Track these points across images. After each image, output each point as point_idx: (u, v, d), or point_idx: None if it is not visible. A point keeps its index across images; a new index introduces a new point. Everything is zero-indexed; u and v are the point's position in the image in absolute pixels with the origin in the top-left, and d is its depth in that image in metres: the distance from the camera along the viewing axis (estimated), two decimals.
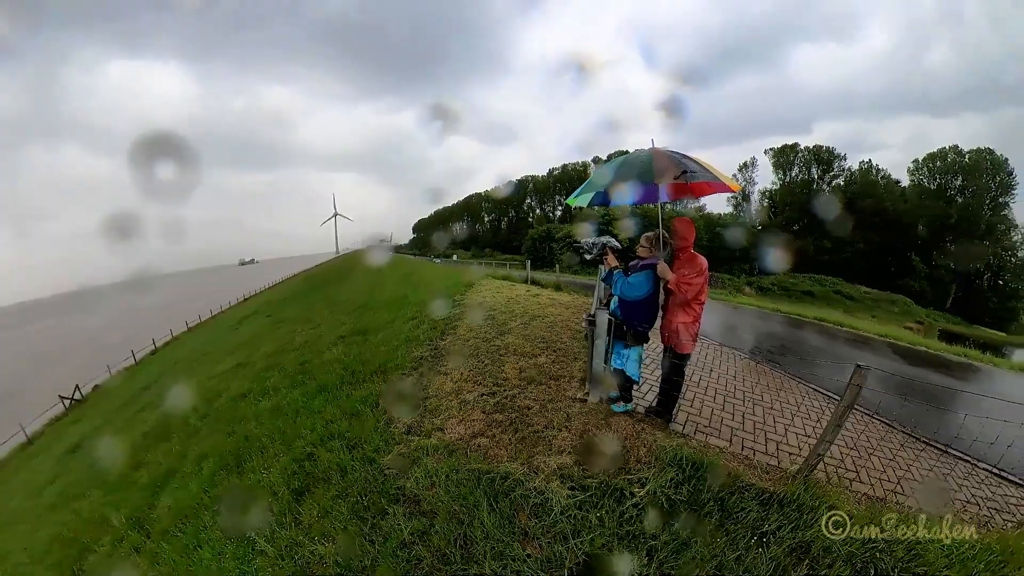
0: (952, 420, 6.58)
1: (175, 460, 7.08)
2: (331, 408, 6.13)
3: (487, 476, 4.13)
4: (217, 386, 10.35)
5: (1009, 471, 5.13)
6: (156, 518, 5.64)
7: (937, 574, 3.47)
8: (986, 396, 8.47)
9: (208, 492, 5.57)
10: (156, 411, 10.70)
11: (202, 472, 6.10)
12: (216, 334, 18.88)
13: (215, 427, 7.70)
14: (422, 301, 11.04)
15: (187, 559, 4.55)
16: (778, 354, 8.91)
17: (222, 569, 4.17)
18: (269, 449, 5.75)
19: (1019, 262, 40.39)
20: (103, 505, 6.71)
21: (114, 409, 13.70)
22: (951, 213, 40.69)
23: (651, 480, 3.94)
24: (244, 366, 11.63)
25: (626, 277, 4.61)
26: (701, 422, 5.31)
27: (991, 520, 4.41)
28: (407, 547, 3.69)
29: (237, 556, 4.19)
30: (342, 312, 13.71)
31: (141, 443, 8.71)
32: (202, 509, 5.25)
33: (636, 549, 3.45)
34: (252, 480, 5.26)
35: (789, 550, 3.45)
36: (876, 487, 4.53)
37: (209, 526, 4.87)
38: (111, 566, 5.11)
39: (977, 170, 41.04)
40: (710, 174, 4.12)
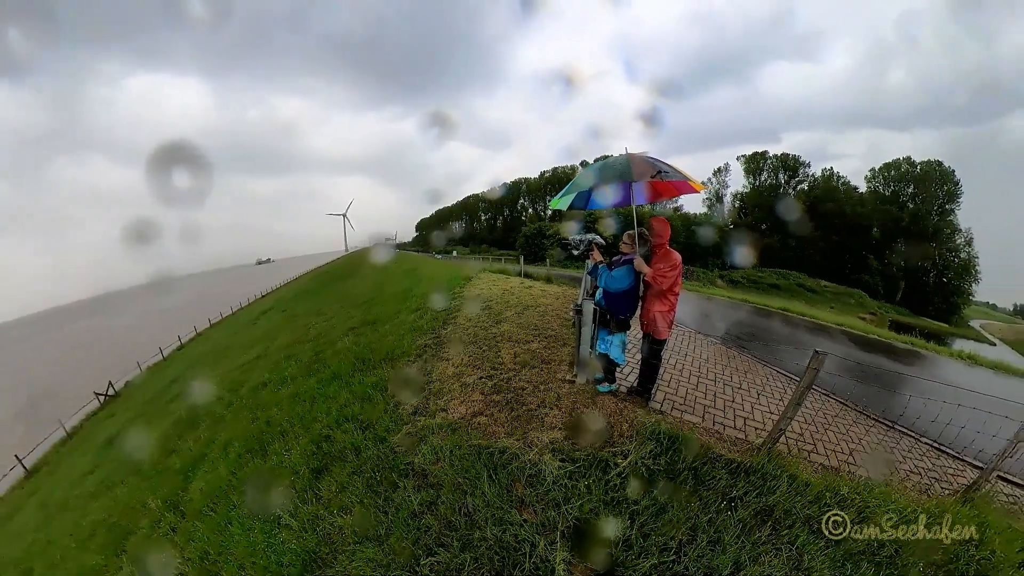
0: (899, 400, 6.74)
1: (204, 446, 7.00)
2: (344, 393, 6.10)
3: (487, 451, 4.17)
4: (239, 377, 10.23)
5: (947, 445, 5.27)
6: (189, 500, 5.61)
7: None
8: (929, 380, 8.70)
9: (236, 474, 5.54)
10: (184, 402, 10.52)
11: (229, 456, 6.06)
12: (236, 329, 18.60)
13: (239, 414, 7.61)
14: (425, 294, 10.95)
15: (219, 536, 4.54)
16: (746, 340, 8.97)
17: (252, 543, 4.18)
18: (289, 433, 5.72)
19: (961, 262, 41.15)
20: (140, 490, 6.66)
21: (146, 402, 13.49)
22: (903, 217, 41.29)
23: (633, 452, 3.99)
24: (263, 357, 11.48)
25: (609, 271, 4.62)
26: (677, 400, 5.36)
27: (931, 487, 4.53)
28: (417, 516, 3.73)
29: (264, 531, 4.21)
30: (351, 305, 13.57)
31: (172, 432, 8.60)
32: (231, 490, 5.23)
33: (620, 514, 3.51)
34: (275, 461, 5.25)
35: (754, 513, 3.54)
36: (831, 458, 4.63)
37: (238, 505, 4.86)
38: (151, 546, 5.07)
39: (927, 179, 41.66)
40: (680, 175, 4.19)
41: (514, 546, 3.38)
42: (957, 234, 40.71)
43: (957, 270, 41.30)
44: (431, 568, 3.35)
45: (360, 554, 3.60)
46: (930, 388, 7.77)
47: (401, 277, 14.40)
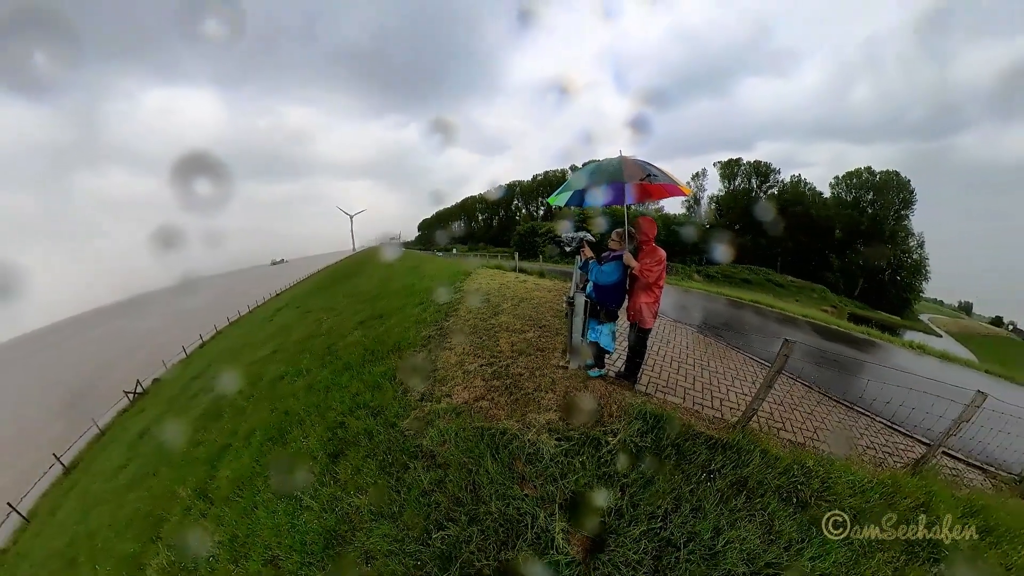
0: (857, 384, 6.92)
1: (228, 436, 6.92)
2: (356, 383, 6.05)
3: (489, 432, 4.18)
4: (258, 370, 10.09)
5: (899, 424, 5.41)
6: (217, 487, 5.57)
7: (843, 502, 3.70)
8: (883, 366, 8.92)
9: (259, 461, 5.51)
10: (208, 396, 10.34)
11: (252, 445, 6.01)
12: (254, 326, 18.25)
13: (259, 405, 7.54)
14: (428, 289, 10.84)
15: (246, 519, 4.53)
16: (721, 329, 9.06)
17: (276, 525, 4.18)
18: (306, 421, 5.68)
19: (914, 263, 42.04)
20: (171, 480, 6.58)
21: (172, 397, 13.23)
22: (862, 221, 42.00)
23: (622, 431, 4.03)
24: (279, 352, 11.31)
25: (599, 266, 4.63)
26: (660, 383, 5.40)
27: (884, 461, 4.66)
28: (427, 494, 3.75)
29: (287, 512, 4.22)
30: (360, 300, 13.39)
31: (198, 424, 8.49)
32: (255, 476, 5.21)
33: (612, 486, 3.57)
34: (294, 448, 5.23)
35: (731, 484, 3.62)
36: (798, 434, 4.73)
37: (262, 490, 4.84)
38: (183, 531, 5.04)
39: (885, 187, 42.38)
40: (668, 178, 4.19)
41: (517, 518, 3.44)
42: (910, 237, 41.64)
43: (910, 269, 42.29)
44: (442, 541, 3.39)
45: (377, 530, 3.64)
46: (884, 374, 7.97)
47: (405, 273, 14.25)
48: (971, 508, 3.99)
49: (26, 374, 18.49)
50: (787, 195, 46.79)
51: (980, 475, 4.81)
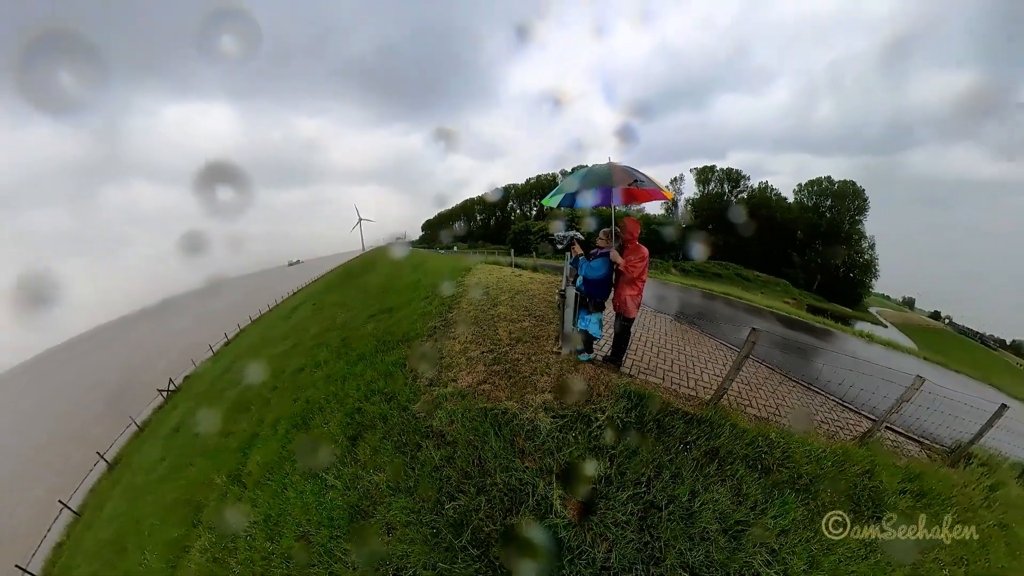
0: (814, 367, 7.12)
1: (256, 425, 6.85)
2: (370, 372, 6.02)
3: (491, 412, 4.22)
4: (280, 364, 9.91)
5: (849, 402, 5.57)
6: (248, 473, 5.53)
7: (800, 469, 3.81)
8: (837, 352, 9.16)
9: (285, 447, 5.49)
10: (236, 389, 10.14)
11: (278, 432, 5.97)
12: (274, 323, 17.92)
13: (283, 396, 7.46)
14: (432, 284, 10.69)
15: (277, 500, 4.55)
16: (696, 318, 9.12)
17: (305, 504, 4.21)
18: (326, 408, 5.66)
19: (865, 262, 42.97)
20: (206, 469, 6.52)
21: (202, 393, 12.96)
22: (821, 224, 42.70)
23: (609, 408, 4.10)
24: (299, 346, 11.11)
25: (588, 262, 4.64)
26: (642, 366, 5.46)
27: (836, 434, 4.80)
28: (439, 469, 3.81)
29: (314, 492, 4.24)
30: (370, 296, 13.19)
31: (228, 416, 8.35)
32: (283, 461, 5.20)
33: (601, 457, 3.67)
34: (317, 433, 5.21)
35: (704, 453, 3.75)
36: (762, 411, 4.85)
37: (290, 473, 4.84)
38: (221, 515, 5.04)
39: (843, 195, 43.13)
40: (653, 184, 4.20)
41: (519, 488, 3.53)
42: (863, 239, 42.53)
43: (861, 267, 43.29)
44: (454, 510, 3.47)
45: (395, 504, 3.70)
46: (837, 359, 8.22)
47: (411, 270, 14.10)
48: (909, 475, 4.17)
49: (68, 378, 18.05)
50: (755, 199, 47.30)
51: (917, 447, 4.97)
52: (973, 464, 4.66)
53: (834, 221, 43.92)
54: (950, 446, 4.95)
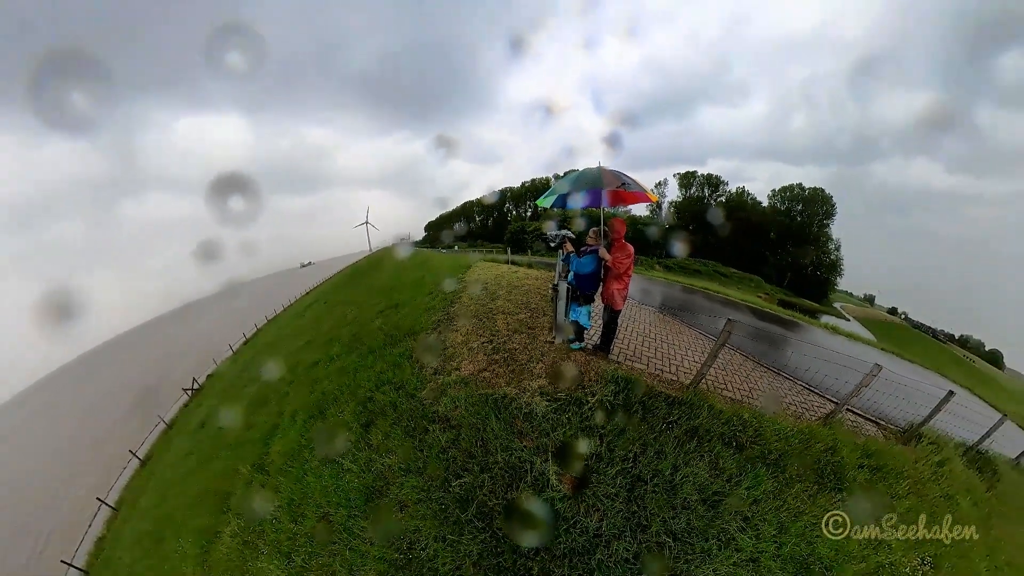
0: (783, 355, 7.27)
1: (275, 417, 6.78)
2: (379, 363, 5.99)
3: (492, 397, 4.25)
4: (295, 359, 9.77)
5: (815, 387, 5.68)
6: (271, 461, 5.51)
7: (771, 446, 3.88)
8: (804, 342, 9.34)
9: (303, 436, 5.46)
10: (255, 385, 9.94)
11: (296, 423, 5.93)
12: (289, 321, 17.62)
13: (299, 389, 7.38)
14: (435, 281, 10.53)
15: (298, 485, 4.56)
16: (678, 310, 9.17)
17: (324, 487, 4.23)
18: (340, 398, 5.64)
19: (831, 261, 43.78)
20: (231, 460, 6.45)
21: (224, 389, 12.71)
22: (793, 226, 43.35)
23: (599, 392, 4.15)
24: (312, 341, 10.90)
25: (579, 258, 4.66)
26: (629, 353, 5.47)
27: (803, 415, 4.89)
28: (445, 451, 3.85)
29: (332, 476, 4.26)
30: (378, 293, 12.99)
31: (249, 410, 8.23)
32: (302, 448, 5.18)
33: (592, 436, 3.73)
34: (332, 422, 5.21)
35: (685, 432, 3.81)
36: (737, 394, 4.93)
37: (309, 459, 4.83)
38: (248, 501, 5.05)
39: (812, 200, 43.85)
40: (639, 187, 4.22)
41: (518, 466, 3.59)
42: (830, 241, 43.37)
43: (828, 266, 44.13)
44: (460, 487, 3.53)
45: (407, 483, 3.75)
46: (804, 348, 8.39)
47: (415, 268, 13.96)
48: (867, 452, 4.28)
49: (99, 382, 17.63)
50: (733, 203, 47.74)
51: (875, 427, 5.09)
52: (923, 443, 4.79)
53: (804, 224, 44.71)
54: (903, 427, 5.07)
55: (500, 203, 58.10)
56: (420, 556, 3.39)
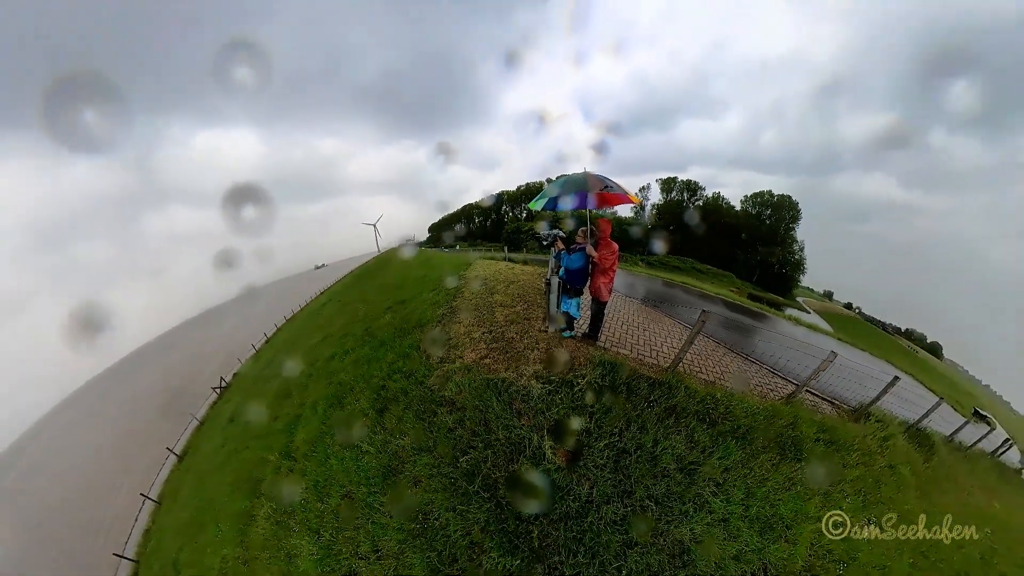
0: (751, 342, 7.42)
1: (298, 408, 6.74)
2: (390, 354, 5.99)
3: (493, 381, 4.31)
4: (313, 354, 9.61)
5: (778, 370, 5.81)
6: (296, 448, 5.51)
7: (739, 421, 3.99)
8: (770, 331, 9.54)
9: (325, 423, 5.47)
10: (277, 380, 9.73)
11: (318, 412, 5.92)
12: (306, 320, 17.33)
13: (318, 381, 7.33)
14: (439, 278, 10.47)
15: (322, 468, 4.59)
16: (658, 302, 9.24)
17: (346, 469, 4.28)
18: (356, 388, 5.64)
19: (796, 261, 45.08)
20: (260, 449, 6.41)
21: (250, 386, 12.53)
22: (762, 229, 44.21)
23: (588, 375, 4.22)
24: (328, 337, 10.71)
25: (569, 255, 4.69)
26: (614, 340, 5.47)
27: (767, 395, 5.00)
28: (452, 431, 3.91)
29: (352, 458, 4.30)
30: (386, 291, 12.82)
31: (273, 403, 8.10)
32: (323, 435, 5.19)
33: (582, 414, 3.81)
34: (350, 410, 5.22)
35: (664, 409, 3.91)
36: (710, 376, 5.04)
37: (330, 444, 4.85)
38: (278, 486, 5.05)
39: (780, 206, 44.86)
40: (621, 189, 4.28)
41: (518, 442, 3.66)
42: (795, 243, 44.51)
43: (792, 265, 45.29)
44: (467, 463, 3.60)
45: (419, 461, 3.82)
46: (770, 336, 8.58)
47: (420, 267, 13.83)
48: (823, 427, 4.41)
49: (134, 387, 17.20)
50: (709, 207, 48.33)
51: (829, 407, 5.23)
52: (871, 421, 4.94)
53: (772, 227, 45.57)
54: (854, 406, 5.22)
55: (497, 205, 57.68)
56: (434, 525, 3.47)
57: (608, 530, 3.26)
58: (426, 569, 3.37)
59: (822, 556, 3.61)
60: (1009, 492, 6.32)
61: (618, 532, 3.26)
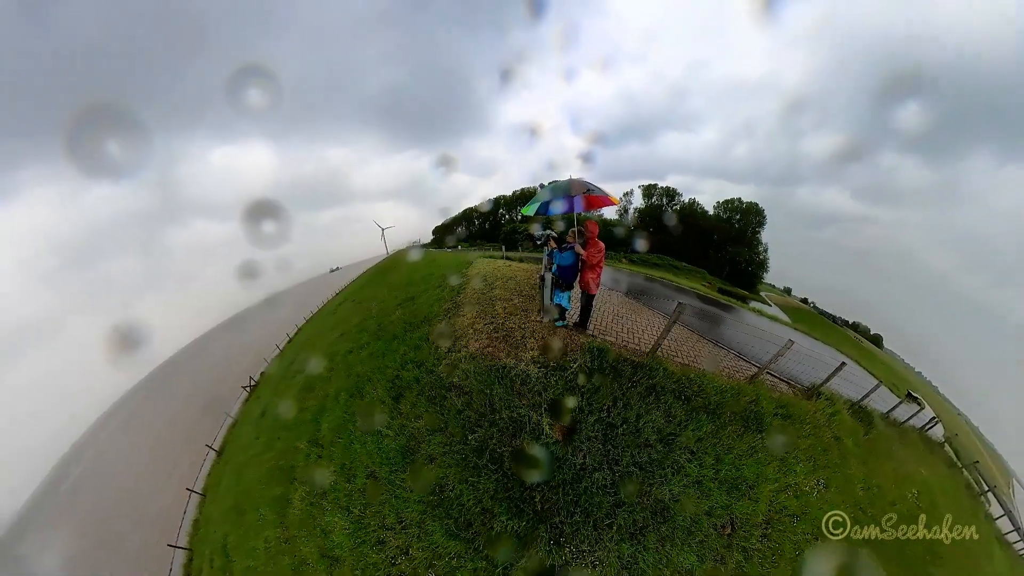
0: (721, 330, 7.59)
1: (322, 400, 6.68)
2: (402, 347, 5.98)
3: (495, 367, 4.37)
4: (332, 350, 9.41)
5: (744, 355, 5.92)
6: (323, 436, 5.49)
7: (710, 398, 4.13)
8: (737, 320, 9.76)
9: (347, 412, 5.47)
10: (302, 375, 9.35)
11: (340, 402, 5.90)
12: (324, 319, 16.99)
13: (339, 374, 7.25)
14: (443, 276, 10.44)
15: (347, 452, 4.63)
16: (640, 294, 9.26)
17: (368, 451, 4.34)
18: (373, 378, 5.63)
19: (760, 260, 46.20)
20: (291, 439, 6.36)
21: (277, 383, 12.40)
22: (732, 231, 45.08)
23: (579, 359, 4.31)
24: (345, 334, 10.29)
25: (560, 253, 4.73)
26: (602, 328, 5.47)
27: (733, 375, 5.06)
28: (461, 412, 3.98)
29: (374, 441, 4.36)
30: (396, 289, 12.61)
31: (299, 396, 7.96)
32: (347, 422, 5.20)
33: (575, 394, 3.92)
34: (369, 399, 5.23)
35: (645, 388, 4.04)
36: (685, 359, 5.11)
37: (353, 430, 4.87)
38: (309, 471, 5.06)
39: (748, 212, 45.92)
40: (603, 192, 4.38)
41: (519, 420, 3.76)
42: (760, 244, 45.55)
43: (757, 264, 46.69)
44: (475, 440, 3.69)
45: (433, 440, 3.91)
46: (737, 325, 8.79)
47: (426, 266, 13.66)
48: (780, 403, 4.58)
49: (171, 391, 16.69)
50: (685, 211, 48.83)
51: (786, 386, 5.37)
52: (821, 399, 5.11)
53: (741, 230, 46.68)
54: (807, 386, 5.38)
55: (495, 209, 57.19)
56: (449, 496, 3.58)
57: (599, 493, 3.40)
58: (445, 534, 3.49)
59: (779, 511, 3.82)
60: (934, 461, 6.61)
61: (608, 494, 3.40)
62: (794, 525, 3.77)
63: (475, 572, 3.36)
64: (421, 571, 3.50)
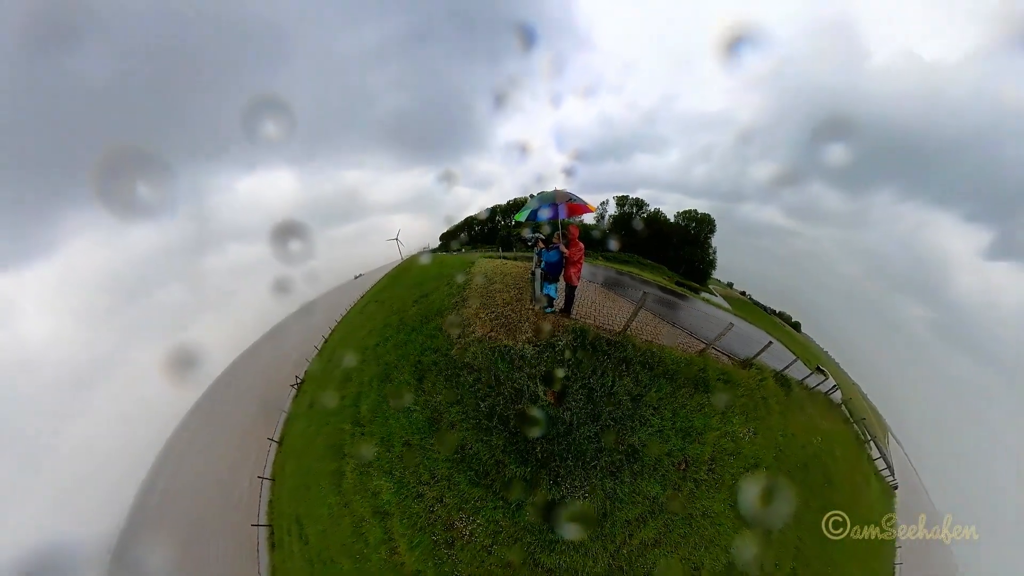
0: (677, 314, 7.76)
1: (358, 387, 6.62)
2: (421, 336, 6.00)
3: (498, 348, 4.47)
4: (363, 344, 9.00)
5: (695, 333, 6.04)
6: (362, 416, 5.52)
7: (668, 367, 4.31)
8: (690, 307, 9.98)
9: (380, 395, 5.48)
10: (339, 369, 9.11)
11: (373, 387, 5.90)
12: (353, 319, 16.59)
13: (370, 364, 7.15)
14: (451, 275, 10.34)
15: (384, 427, 4.69)
16: (613, 285, 9.37)
17: (402, 425, 4.43)
18: (399, 365, 5.65)
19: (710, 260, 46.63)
20: (336, 423, 6.30)
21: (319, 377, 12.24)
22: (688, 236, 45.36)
23: (565, 339, 4.44)
24: (373, 330, 9.83)
25: (548, 252, 4.79)
26: (583, 313, 5.49)
27: (687, 349, 5.17)
28: (472, 386, 4.11)
29: (405, 416, 4.45)
30: (412, 288, 12.43)
31: (339, 387, 7.76)
32: (381, 403, 5.22)
33: (563, 367, 4.08)
34: (397, 382, 5.27)
35: (618, 360, 4.22)
36: (649, 336, 5.22)
37: (387, 410, 4.92)
38: (355, 447, 5.10)
39: (703, 221, 45.94)
40: (582, 200, 4.52)
41: (520, 389, 3.92)
42: (711, 247, 45.96)
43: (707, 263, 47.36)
44: (486, 407, 3.84)
45: (452, 411, 4.04)
46: (690, 310, 9.04)
47: (436, 267, 13.52)
48: (722, 372, 4.78)
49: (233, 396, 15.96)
50: (651, 218, 48.85)
51: (727, 358, 5.55)
52: (753, 369, 5.35)
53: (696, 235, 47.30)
54: (743, 359, 5.59)
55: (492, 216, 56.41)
56: (469, 453, 3.76)
57: (585, 443, 3.61)
58: (468, 483, 3.69)
59: (721, 452, 4.11)
60: (833, 417, 7.03)
61: (592, 443, 3.61)
62: (732, 461, 4.06)
63: (495, 510, 3.58)
64: (454, 514, 3.70)
